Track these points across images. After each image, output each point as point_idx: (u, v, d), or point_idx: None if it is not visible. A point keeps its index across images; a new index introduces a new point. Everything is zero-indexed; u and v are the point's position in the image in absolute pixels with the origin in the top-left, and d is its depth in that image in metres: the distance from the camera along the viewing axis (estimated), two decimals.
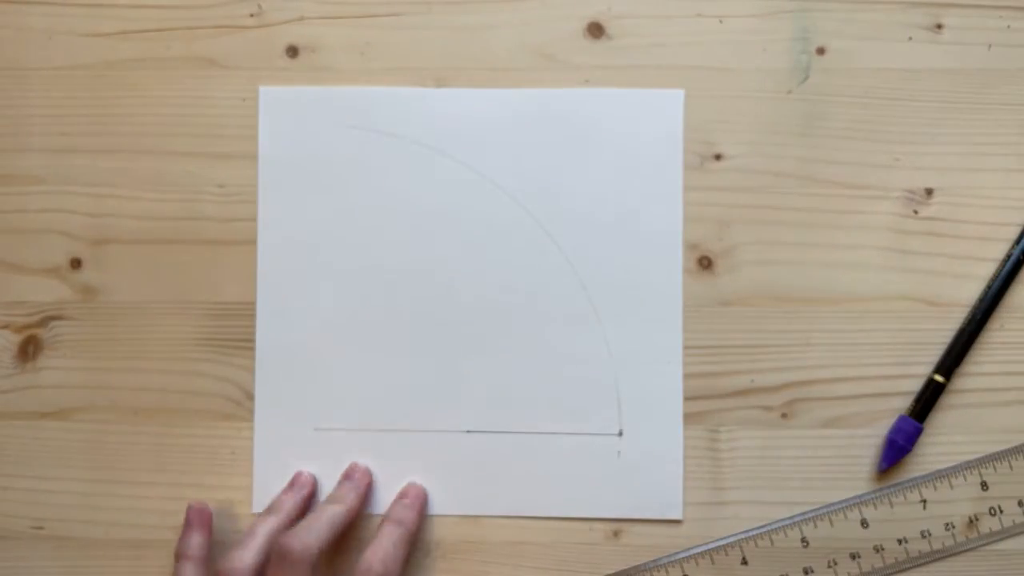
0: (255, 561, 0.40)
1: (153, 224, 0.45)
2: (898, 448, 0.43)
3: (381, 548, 0.40)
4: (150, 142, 0.45)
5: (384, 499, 0.44)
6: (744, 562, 0.43)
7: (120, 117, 0.45)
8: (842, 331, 0.44)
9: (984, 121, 0.44)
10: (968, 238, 0.44)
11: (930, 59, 0.44)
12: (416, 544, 0.43)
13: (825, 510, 0.43)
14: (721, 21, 0.45)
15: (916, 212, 0.44)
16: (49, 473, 0.45)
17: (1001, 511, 0.43)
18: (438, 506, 0.44)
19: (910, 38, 0.45)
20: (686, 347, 0.44)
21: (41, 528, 0.45)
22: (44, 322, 0.45)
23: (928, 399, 0.43)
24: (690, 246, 0.44)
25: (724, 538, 0.43)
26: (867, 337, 0.44)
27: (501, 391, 0.44)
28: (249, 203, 0.45)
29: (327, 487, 0.44)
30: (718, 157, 0.44)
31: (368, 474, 0.44)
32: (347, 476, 0.44)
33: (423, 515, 0.43)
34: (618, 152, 0.44)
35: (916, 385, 0.44)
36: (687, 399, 0.44)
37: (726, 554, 0.43)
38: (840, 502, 0.43)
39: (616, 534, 0.44)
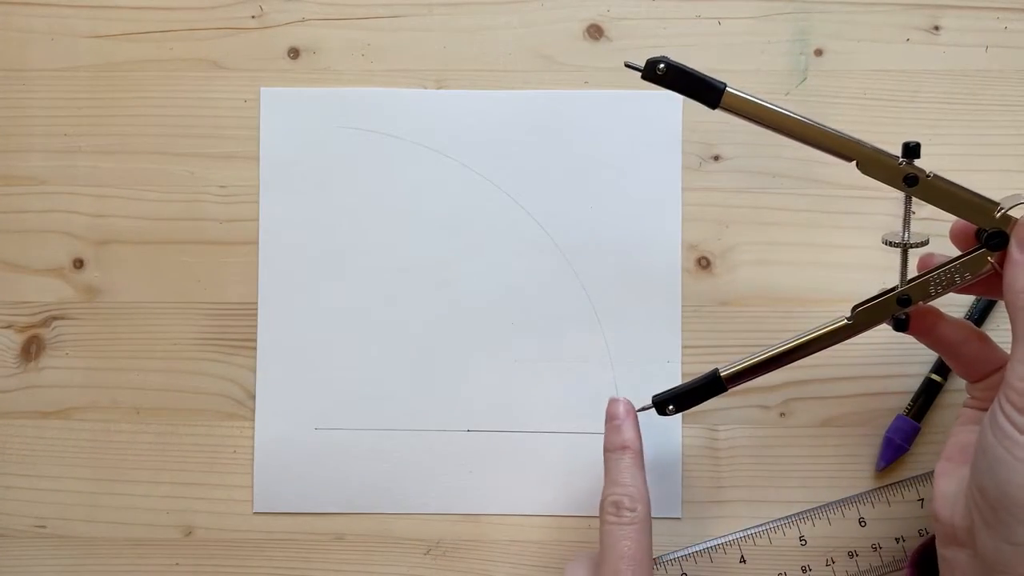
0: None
1: (155, 224, 0.45)
2: (896, 447, 0.43)
3: (611, 477, 0.38)
4: (152, 143, 0.45)
5: (389, 498, 0.44)
6: (743, 560, 0.43)
7: (122, 118, 0.45)
8: None
9: (981, 122, 0.44)
10: None
11: (928, 61, 0.45)
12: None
13: (823, 508, 0.43)
14: (720, 23, 0.45)
15: (914, 212, 0.44)
16: (51, 472, 0.45)
17: None
18: (438, 505, 0.44)
19: (908, 40, 0.45)
20: (685, 346, 0.44)
21: (43, 527, 0.45)
22: (47, 322, 0.45)
23: (925, 399, 0.43)
24: (689, 246, 0.45)
25: (723, 536, 0.43)
26: (864, 337, 0.44)
27: (501, 391, 0.44)
28: (250, 204, 0.45)
29: (327, 487, 0.44)
30: (716, 158, 0.45)
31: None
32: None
33: (638, 427, 0.39)
34: (617, 153, 0.45)
35: (913, 385, 0.44)
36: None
37: (725, 552, 0.43)
38: (838, 501, 0.43)
39: None
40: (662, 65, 0.34)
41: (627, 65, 0.35)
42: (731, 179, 0.45)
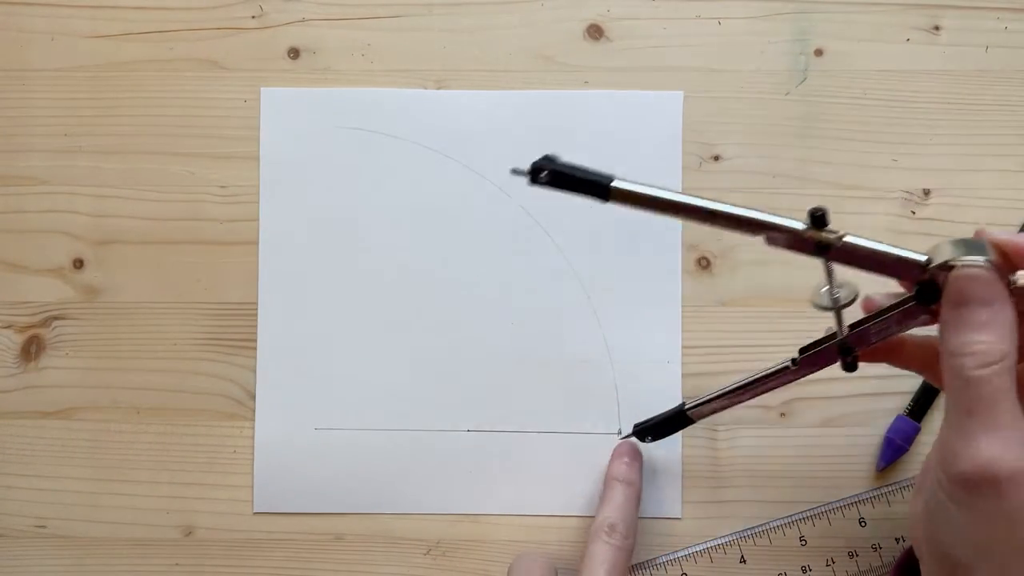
0: None
1: (155, 224, 0.45)
2: (896, 447, 0.43)
3: (615, 504, 0.40)
4: (152, 143, 0.45)
5: (389, 499, 0.44)
6: (743, 560, 0.43)
7: (122, 118, 0.45)
8: None
9: (981, 122, 0.44)
10: None
11: (928, 60, 0.45)
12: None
13: (823, 509, 0.43)
14: (720, 23, 0.45)
15: (914, 213, 0.44)
16: (51, 472, 0.45)
17: None
18: (438, 505, 0.44)
19: (908, 40, 0.45)
20: (685, 347, 0.44)
21: (43, 527, 0.45)
22: (47, 322, 0.45)
23: (925, 399, 0.43)
24: (689, 246, 0.45)
25: (723, 536, 0.43)
26: None
27: (501, 391, 0.44)
28: (250, 204, 0.45)
29: (327, 487, 0.44)
30: (717, 158, 0.45)
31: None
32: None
33: (642, 471, 0.43)
34: (617, 153, 0.45)
35: (914, 384, 0.44)
36: (686, 398, 0.44)
37: (725, 552, 0.43)
38: (838, 501, 0.43)
39: None
40: (544, 172, 0.33)
41: (513, 172, 0.33)
42: (731, 179, 0.45)
